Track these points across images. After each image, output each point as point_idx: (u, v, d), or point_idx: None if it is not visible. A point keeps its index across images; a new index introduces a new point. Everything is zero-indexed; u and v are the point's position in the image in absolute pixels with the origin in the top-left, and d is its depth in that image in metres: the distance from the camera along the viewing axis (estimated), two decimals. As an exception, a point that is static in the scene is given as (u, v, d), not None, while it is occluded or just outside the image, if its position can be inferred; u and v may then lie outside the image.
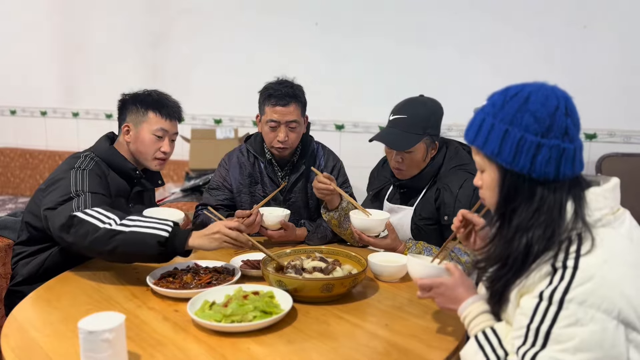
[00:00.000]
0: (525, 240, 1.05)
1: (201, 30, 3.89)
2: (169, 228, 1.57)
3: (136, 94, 1.96)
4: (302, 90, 2.13)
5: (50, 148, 4.41)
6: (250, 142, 2.24)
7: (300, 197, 2.19)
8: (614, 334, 0.97)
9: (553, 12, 3.12)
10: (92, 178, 1.75)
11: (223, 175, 2.21)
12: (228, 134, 3.68)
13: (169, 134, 1.96)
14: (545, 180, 1.05)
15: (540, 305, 1.01)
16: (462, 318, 1.21)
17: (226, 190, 2.19)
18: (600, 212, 1.06)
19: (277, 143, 2.09)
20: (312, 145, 2.24)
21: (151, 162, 1.96)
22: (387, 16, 3.45)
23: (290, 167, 2.19)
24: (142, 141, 1.92)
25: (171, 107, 1.96)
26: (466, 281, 1.25)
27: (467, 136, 1.15)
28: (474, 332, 1.16)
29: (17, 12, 4.35)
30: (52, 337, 1.34)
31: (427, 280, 1.27)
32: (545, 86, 1.09)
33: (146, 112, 1.92)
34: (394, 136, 1.86)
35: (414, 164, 1.89)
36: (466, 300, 1.20)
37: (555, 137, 1.04)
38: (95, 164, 1.84)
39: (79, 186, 1.70)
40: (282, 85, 2.08)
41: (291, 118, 2.06)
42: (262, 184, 2.18)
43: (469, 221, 1.33)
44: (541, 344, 1.00)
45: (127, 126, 1.93)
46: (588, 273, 0.98)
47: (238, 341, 1.30)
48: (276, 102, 2.04)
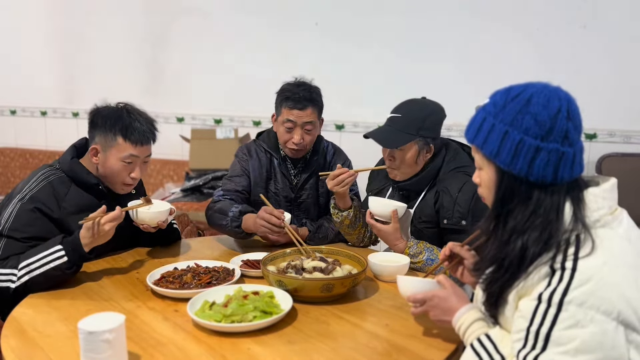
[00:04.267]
0: (521, 242, 1.05)
1: (201, 30, 3.89)
2: (61, 249, 1.60)
3: (106, 114, 1.80)
4: (319, 93, 2.13)
5: (50, 148, 4.41)
6: (263, 138, 2.24)
7: (311, 194, 2.20)
8: (614, 335, 0.97)
9: (553, 12, 3.12)
10: (23, 215, 1.68)
11: (243, 165, 2.18)
12: (228, 134, 3.68)
13: (139, 159, 1.81)
14: (543, 183, 1.05)
15: (539, 307, 1.01)
16: (457, 329, 1.21)
17: (247, 178, 2.17)
18: (598, 212, 1.06)
19: (291, 144, 2.09)
20: (324, 143, 2.26)
21: (119, 187, 1.85)
22: (388, 16, 3.45)
23: (302, 164, 2.20)
24: (110, 167, 1.79)
25: (142, 131, 1.79)
26: (458, 291, 1.25)
27: (467, 134, 1.15)
28: (469, 340, 1.16)
29: (18, 12, 4.35)
30: (52, 337, 1.34)
31: (419, 294, 1.27)
32: (549, 87, 1.07)
33: (115, 137, 1.76)
34: (385, 133, 1.86)
35: (404, 164, 1.88)
36: (459, 310, 1.20)
37: (554, 140, 1.03)
38: (49, 183, 1.75)
39: (5, 224, 1.68)
40: (300, 88, 2.07)
41: (307, 120, 2.06)
42: (274, 181, 2.19)
43: (457, 254, 1.34)
44: (541, 347, 1.00)
45: (95, 148, 1.79)
46: (587, 274, 0.98)
47: (238, 341, 1.30)
48: (293, 106, 2.04)
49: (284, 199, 2.16)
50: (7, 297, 1.60)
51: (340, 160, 2.24)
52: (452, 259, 1.36)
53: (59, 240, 1.62)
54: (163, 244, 2.01)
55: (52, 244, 1.62)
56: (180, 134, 3.86)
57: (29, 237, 1.67)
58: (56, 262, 1.59)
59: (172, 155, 4.02)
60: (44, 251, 1.60)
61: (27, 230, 1.67)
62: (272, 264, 1.67)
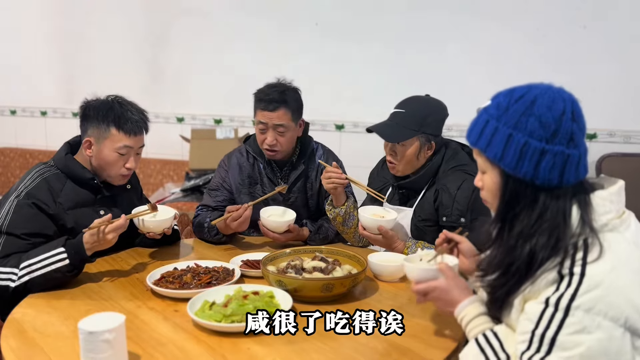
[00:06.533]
0: (529, 247, 1.04)
1: (201, 30, 3.89)
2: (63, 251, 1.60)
3: (98, 106, 1.81)
4: (295, 94, 2.09)
5: (50, 148, 4.41)
6: (249, 142, 2.23)
7: (299, 197, 2.19)
8: (621, 341, 0.96)
9: (553, 12, 3.12)
10: (21, 212, 1.69)
11: (222, 176, 2.21)
12: (228, 134, 3.68)
13: (133, 149, 1.82)
14: (549, 186, 1.03)
15: (546, 311, 1.00)
16: (459, 320, 1.20)
17: (225, 191, 2.19)
18: (606, 216, 1.04)
19: (265, 145, 2.09)
20: (312, 145, 2.24)
21: (114, 178, 1.85)
22: (388, 16, 3.45)
23: (289, 167, 2.19)
24: (104, 159, 1.80)
25: (135, 121, 1.80)
26: (460, 282, 1.23)
27: (469, 137, 1.13)
28: (472, 334, 1.15)
29: (18, 12, 4.35)
30: (52, 337, 1.34)
31: (421, 286, 1.25)
32: (552, 89, 1.06)
33: (108, 128, 1.77)
34: (388, 128, 1.87)
35: (405, 160, 1.89)
36: (462, 302, 1.19)
37: (560, 143, 1.02)
38: (44, 180, 1.76)
39: (3, 221, 1.68)
40: (272, 89, 2.06)
41: (278, 122, 2.04)
42: (261, 184, 2.18)
43: (452, 239, 1.36)
44: (546, 350, 0.99)
45: (89, 141, 1.80)
46: (595, 280, 0.97)
47: (238, 341, 1.30)
48: (265, 107, 2.04)
49: (272, 202, 2.14)
50: (6, 296, 1.60)
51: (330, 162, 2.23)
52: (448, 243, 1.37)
53: (61, 243, 1.62)
54: (163, 244, 2.01)
55: (55, 246, 1.62)
56: (180, 134, 3.86)
57: (27, 234, 1.68)
58: (57, 265, 1.59)
59: (172, 155, 4.02)
60: (45, 252, 1.60)
61: (25, 227, 1.68)
62: (272, 264, 1.68)
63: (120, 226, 1.65)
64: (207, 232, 2.05)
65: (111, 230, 1.63)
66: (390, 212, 1.91)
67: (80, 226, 1.70)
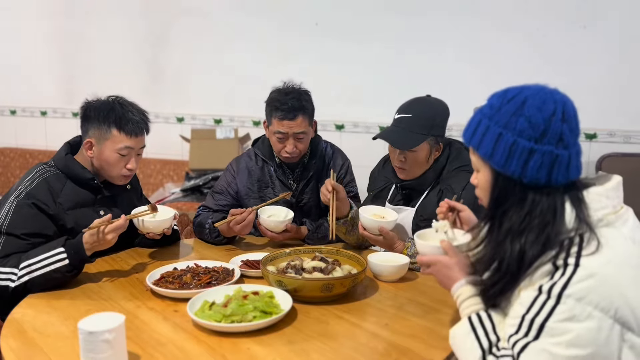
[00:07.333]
0: (519, 245, 1.06)
1: (201, 31, 3.89)
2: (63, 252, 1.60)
3: (99, 106, 1.81)
4: (308, 97, 2.09)
5: (50, 148, 4.41)
6: (258, 146, 2.22)
7: (312, 197, 2.18)
8: (609, 332, 0.98)
9: (553, 12, 3.12)
10: (20, 212, 1.69)
11: (229, 180, 2.19)
12: (228, 134, 3.68)
13: (134, 150, 1.83)
14: (537, 185, 1.06)
15: (538, 297, 1.02)
16: (454, 297, 1.21)
17: (229, 196, 2.17)
18: (602, 211, 1.06)
19: (285, 153, 2.08)
20: (321, 145, 2.23)
21: (116, 178, 1.85)
22: (388, 16, 3.45)
23: (301, 169, 2.18)
24: (105, 160, 1.80)
25: (136, 122, 1.80)
26: (462, 261, 1.24)
27: (464, 136, 1.16)
28: (465, 312, 1.16)
29: (18, 12, 4.35)
30: (52, 337, 1.34)
31: (425, 258, 1.29)
32: (545, 90, 1.08)
33: (109, 129, 1.77)
34: (398, 135, 1.85)
35: (416, 164, 1.88)
36: (460, 281, 1.20)
37: (549, 142, 1.04)
38: (44, 180, 1.76)
39: (3, 221, 1.68)
40: (288, 96, 2.02)
41: (299, 130, 2.03)
42: (272, 188, 2.17)
43: (454, 207, 1.41)
44: (534, 335, 1.01)
45: (90, 142, 1.80)
46: (589, 271, 0.99)
47: (238, 341, 1.30)
48: (284, 116, 2.01)
49: (284, 204, 2.13)
50: (5, 296, 1.60)
51: (339, 161, 2.23)
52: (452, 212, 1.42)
53: (61, 243, 1.62)
54: (163, 244, 2.01)
55: (54, 246, 1.62)
56: (180, 134, 3.86)
57: (27, 234, 1.68)
58: (57, 265, 1.59)
59: (172, 155, 4.02)
60: (45, 252, 1.60)
61: (25, 227, 1.68)
62: (272, 264, 1.67)
63: (120, 226, 1.65)
64: (207, 233, 2.04)
65: (111, 231, 1.63)
66: (391, 212, 1.90)
67: (80, 226, 1.70)
